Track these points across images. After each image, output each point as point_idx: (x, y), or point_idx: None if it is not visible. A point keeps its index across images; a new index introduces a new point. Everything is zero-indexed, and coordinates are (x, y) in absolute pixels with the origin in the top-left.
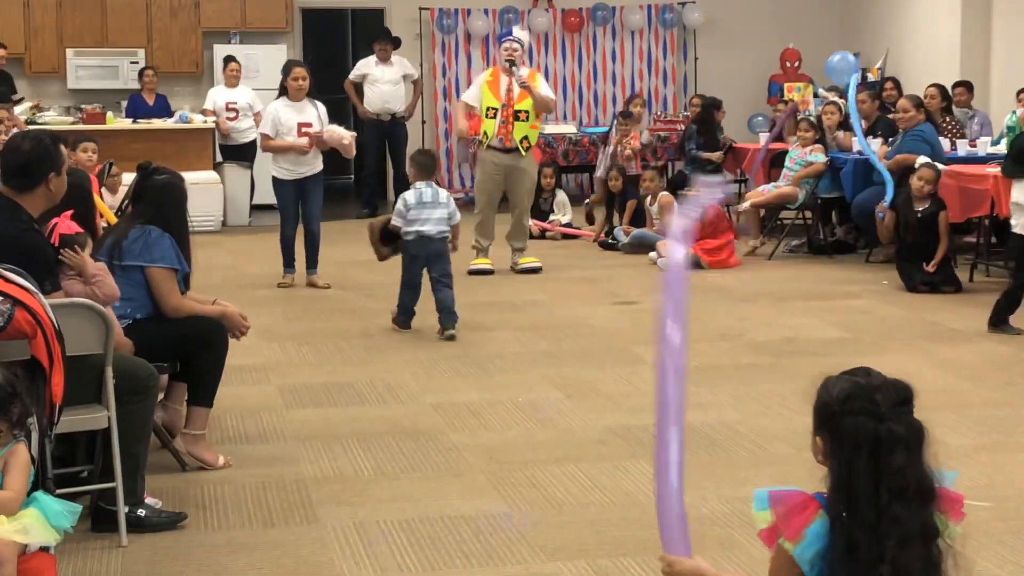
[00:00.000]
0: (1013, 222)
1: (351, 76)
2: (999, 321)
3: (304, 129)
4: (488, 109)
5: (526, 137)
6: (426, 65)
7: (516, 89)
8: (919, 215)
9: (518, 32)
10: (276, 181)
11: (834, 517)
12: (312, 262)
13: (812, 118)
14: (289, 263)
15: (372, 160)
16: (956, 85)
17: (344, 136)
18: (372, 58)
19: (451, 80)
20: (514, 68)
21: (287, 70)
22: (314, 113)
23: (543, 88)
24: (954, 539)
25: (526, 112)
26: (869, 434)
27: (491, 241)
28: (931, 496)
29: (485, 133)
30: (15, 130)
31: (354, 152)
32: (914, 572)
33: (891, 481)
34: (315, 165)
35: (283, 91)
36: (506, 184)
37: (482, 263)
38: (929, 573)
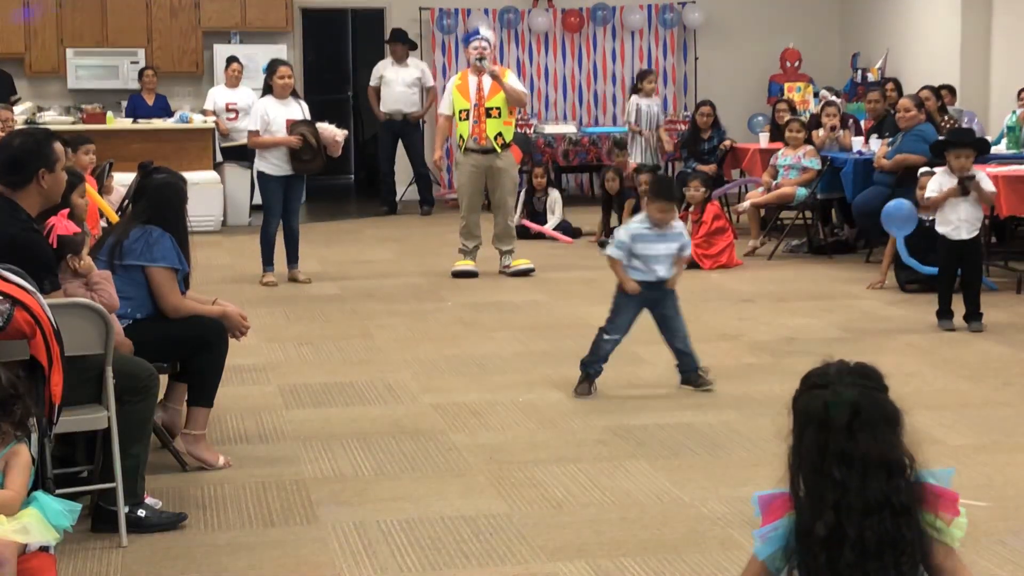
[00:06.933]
0: None
1: (371, 82)
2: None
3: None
4: (461, 112)
5: (500, 134)
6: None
7: (486, 87)
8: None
9: (485, 31)
10: (263, 176)
11: (795, 502)
12: (294, 258)
13: (803, 118)
14: (269, 261)
15: (385, 159)
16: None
17: (337, 133)
18: (388, 59)
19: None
20: (484, 63)
21: (272, 69)
22: (299, 110)
23: (513, 81)
24: (945, 533)
25: (498, 108)
26: (818, 404)
27: (477, 243)
28: (895, 470)
29: (461, 137)
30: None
31: (339, 153)
32: (868, 543)
33: (834, 443)
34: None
35: (268, 89)
36: (487, 185)
37: (466, 265)
38: (897, 547)
